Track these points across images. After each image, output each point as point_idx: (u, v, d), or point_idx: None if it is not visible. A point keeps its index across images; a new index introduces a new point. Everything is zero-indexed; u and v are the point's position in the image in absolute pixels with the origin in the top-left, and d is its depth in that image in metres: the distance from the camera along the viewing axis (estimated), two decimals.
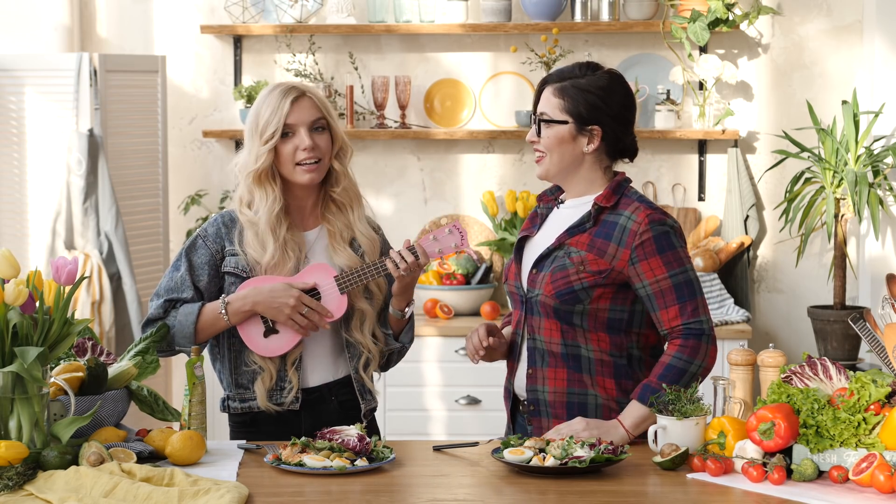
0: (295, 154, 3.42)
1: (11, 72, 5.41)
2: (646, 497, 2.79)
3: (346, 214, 3.51)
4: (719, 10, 5.54)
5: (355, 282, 3.40)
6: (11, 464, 2.82)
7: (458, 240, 3.41)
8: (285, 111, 3.41)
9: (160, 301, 3.44)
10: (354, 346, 3.49)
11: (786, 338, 5.86)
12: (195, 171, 5.98)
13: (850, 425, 2.81)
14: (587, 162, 3.30)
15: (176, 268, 3.46)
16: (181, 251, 3.48)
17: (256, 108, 3.45)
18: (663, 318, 3.22)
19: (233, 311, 3.39)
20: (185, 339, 3.39)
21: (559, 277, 3.24)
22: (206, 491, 2.71)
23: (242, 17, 5.83)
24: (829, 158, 5.36)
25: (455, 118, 5.92)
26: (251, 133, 3.45)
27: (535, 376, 3.29)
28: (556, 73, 3.32)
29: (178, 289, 3.43)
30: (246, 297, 3.38)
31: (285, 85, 3.47)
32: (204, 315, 3.40)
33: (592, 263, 3.22)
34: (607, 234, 3.24)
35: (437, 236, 3.42)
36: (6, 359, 2.88)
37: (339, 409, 3.49)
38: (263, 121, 3.42)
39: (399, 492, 2.81)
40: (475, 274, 5.74)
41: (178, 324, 3.39)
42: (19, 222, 5.45)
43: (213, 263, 3.45)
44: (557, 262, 3.26)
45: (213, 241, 3.46)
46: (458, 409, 5.48)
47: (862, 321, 3.09)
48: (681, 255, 3.23)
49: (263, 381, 3.43)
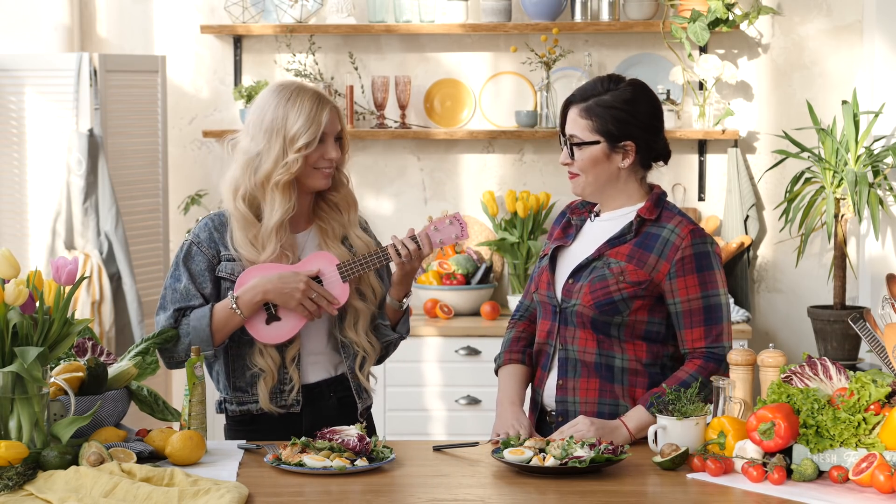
0: (318, 161, 3.40)
1: (11, 72, 5.41)
2: (646, 497, 2.79)
3: (341, 215, 3.51)
4: (719, 10, 5.54)
5: (358, 270, 3.41)
6: (11, 464, 2.82)
7: (458, 230, 3.43)
8: (323, 122, 3.38)
9: (169, 313, 3.39)
10: (349, 346, 3.49)
11: (786, 338, 5.86)
12: (195, 171, 5.98)
13: (850, 425, 2.81)
14: (623, 176, 3.29)
15: (176, 279, 3.42)
16: (176, 261, 3.44)
17: (280, 111, 3.38)
18: (687, 337, 3.24)
19: (244, 303, 3.37)
20: (203, 344, 3.36)
21: (598, 288, 3.23)
22: (206, 491, 2.71)
23: (242, 17, 5.83)
24: (829, 158, 5.36)
25: (455, 118, 5.92)
26: (270, 131, 3.39)
27: (566, 387, 3.29)
28: (579, 93, 3.28)
29: (184, 299, 3.40)
30: (255, 286, 3.37)
31: (312, 91, 3.42)
32: (216, 315, 3.38)
33: (632, 274, 3.22)
34: (649, 245, 3.24)
35: (439, 226, 3.43)
36: (6, 359, 2.88)
37: (338, 405, 3.50)
38: (295, 127, 3.36)
39: (399, 492, 2.81)
40: (475, 274, 5.74)
41: (192, 330, 3.37)
42: (19, 222, 5.45)
43: (210, 269, 3.43)
44: (596, 272, 3.25)
45: (208, 246, 3.43)
46: (458, 409, 5.48)
47: (862, 321, 3.09)
48: (717, 278, 3.24)
49: (265, 382, 3.43)
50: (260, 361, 3.43)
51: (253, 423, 3.47)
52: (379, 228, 5.71)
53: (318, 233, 3.50)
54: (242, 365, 3.45)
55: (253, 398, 3.45)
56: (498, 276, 5.91)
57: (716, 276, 3.23)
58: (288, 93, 3.40)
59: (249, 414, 3.46)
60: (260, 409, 3.44)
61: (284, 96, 3.40)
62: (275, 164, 3.37)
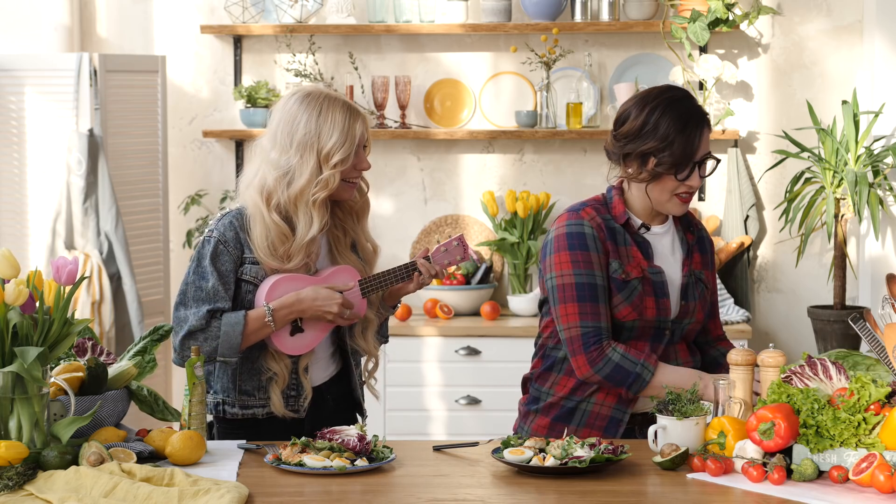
0: (350, 172, 3.38)
1: (11, 72, 5.41)
2: (646, 497, 2.79)
3: (354, 222, 3.51)
4: (719, 10, 5.54)
5: (377, 287, 3.48)
6: (11, 464, 2.82)
7: (462, 252, 3.60)
8: (357, 135, 3.36)
9: (202, 311, 3.32)
10: (358, 353, 3.55)
11: (786, 338, 5.86)
12: (195, 171, 5.98)
13: (850, 425, 2.81)
14: None
15: (202, 276, 3.35)
16: (202, 257, 3.36)
17: (313, 125, 3.32)
18: (716, 324, 3.53)
19: (280, 318, 3.35)
20: (230, 350, 3.33)
21: (705, 303, 3.46)
22: (206, 491, 2.71)
23: (242, 17, 5.83)
24: (829, 158, 5.36)
25: (455, 118, 5.92)
26: (303, 146, 3.33)
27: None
28: (705, 112, 3.36)
29: (212, 299, 3.34)
30: (292, 305, 3.35)
31: (342, 102, 3.36)
32: (250, 324, 3.33)
33: (709, 278, 3.48)
34: (701, 248, 3.47)
35: (448, 248, 3.59)
36: (6, 359, 2.88)
37: (335, 407, 3.51)
38: (330, 143, 3.32)
39: (399, 492, 2.81)
40: (475, 274, 5.74)
41: (223, 335, 3.33)
42: (19, 222, 5.45)
43: (235, 270, 3.38)
44: (698, 287, 3.44)
45: (234, 246, 3.37)
46: (458, 409, 5.48)
47: (862, 321, 3.09)
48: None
49: (278, 384, 3.42)
50: (273, 366, 3.41)
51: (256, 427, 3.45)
52: (379, 228, 5.72)
53: (330, 238, 3.48)
54: (251, 368, 3.43)
55: (259, 402, 3.43)
56: (498, 276, 5.91)
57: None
58: (318, 105, 3.34)
59: (253, 419, 3.45)
60: (267, 413, 3.43)
61: (315, 109, 3.34)
62: (310, 181, 3.33)
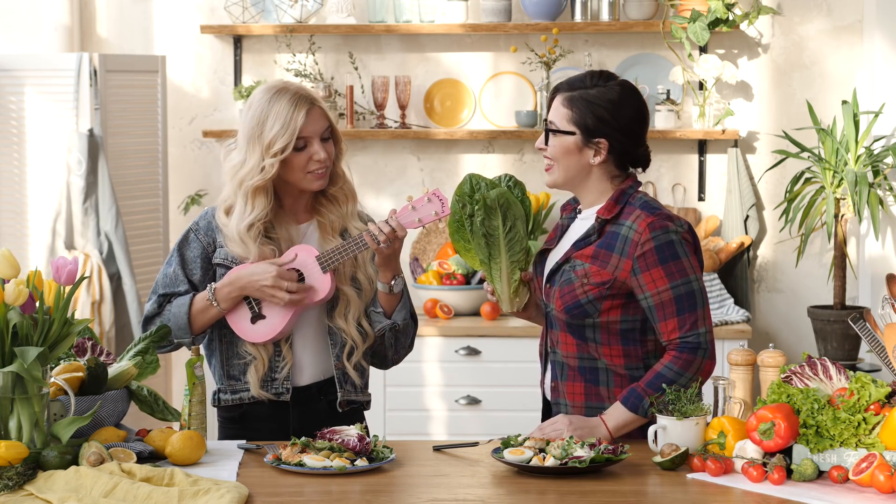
0: (307, 164, 3.39)
1: (11, 72, 5.41)
2: (646, 497, 2.79)
3: (339, 208, 3.50)
4: (719, 10, 5.54)
5: (336, 259, 3.38)
6: (11, 464, 2.82)
7: (438, 207, 3.35)
8: (299, 124, 3.35)
9: (155, 297, 3.46)
10: (337, 334, 3.47)
11: (786, 338, 5.86)
12: (195, 171, 5.99)
13: (850, 425, 2.81)
14: (595, 173, 3.26)
15: (168, 263, 3.48)
16: (174, 246, 3.50)
17: (259, 114, 3.37)
18: (662, 329, 3.19)
19: (221, 296, 3.39)
20: (181, 331, 3.41)
21: (567, 292, 3.23)
22: (206, 491, 2.71)
23: (242, 17, 5.83)
24: (829, 158, 5.36)
25: (455, 118, 5.92)
26: (251, 139, 3.38)
27: (558, 389, 3.30)
28: (566, 82, 3.28)
29: (172, 284, 3.45)
30: (232, 282, 3.39)
31: (291, 92, 3.38)
32: (195, 305, 3.41)
33: (595, 275, 3.20)
34: (609, 244, 3.21)
35: (416, 205, 3.36)
36: (6, 359, 2.88)
37: (328, 407, 3.49)
38: (272, 133, 3.35)
39: (399, 492, 2.82)
40: (475, 274, 5.74)
41: (172, 317, 3.41)
42: (19, 222, 5.45)
43: (205, 256, 3.46)
44: (565, 276, 3.25)
45: (205, 234, 3.47)
46: (458, 409, 5.48)
47: (862, 321, 3.09)
48: (684, 265, 3.18)
49: (256, 368, 3.44)
50: (251, 350, 3.45)
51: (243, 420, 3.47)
52: None
53: (317, 226, 3.50)
54: (235, 353, 3.47)
55: (244, 386, 3.46)
56: None
57: (683, 264, 3.17)
58: (269, 97, 3.38)
59: (242, 404, 3.47)
60: (252, 397, 3.45)
61: (266, 101, 3.38)
62: (251, 170, 3.37)
